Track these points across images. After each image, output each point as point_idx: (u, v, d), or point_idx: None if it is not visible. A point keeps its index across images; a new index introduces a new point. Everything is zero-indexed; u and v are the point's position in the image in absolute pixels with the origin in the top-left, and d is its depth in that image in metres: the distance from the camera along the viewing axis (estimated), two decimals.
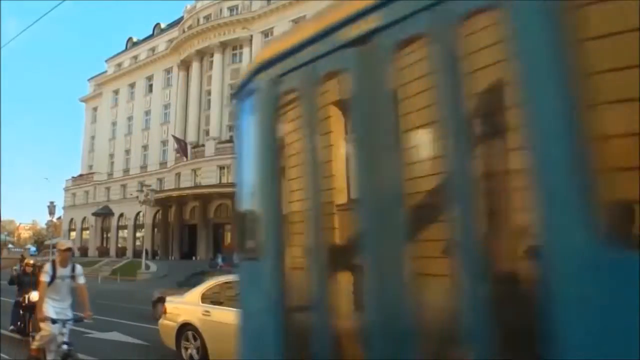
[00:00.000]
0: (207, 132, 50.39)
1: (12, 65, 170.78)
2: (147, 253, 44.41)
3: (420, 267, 2.48)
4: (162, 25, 63.88)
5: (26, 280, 11.93)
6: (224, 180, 47.05)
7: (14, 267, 13.59)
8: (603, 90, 1.92)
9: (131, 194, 54.46)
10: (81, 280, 7.47)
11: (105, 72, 67.90)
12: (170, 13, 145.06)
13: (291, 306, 3.13)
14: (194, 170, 49.53)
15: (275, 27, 47.21)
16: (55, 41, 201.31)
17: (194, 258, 46.71)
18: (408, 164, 2.60)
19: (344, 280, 3.01)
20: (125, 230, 58.79)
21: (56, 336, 6.99)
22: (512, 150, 2.25)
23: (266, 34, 48.27)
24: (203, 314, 9.21)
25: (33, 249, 77.32)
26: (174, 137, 51.50)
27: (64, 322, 7.04)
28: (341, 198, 3.09)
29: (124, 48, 67.73)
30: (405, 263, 2.50)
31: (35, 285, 10.09)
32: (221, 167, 47.59)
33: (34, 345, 7.61)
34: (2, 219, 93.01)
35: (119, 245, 59.23)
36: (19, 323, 11.93)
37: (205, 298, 9.65)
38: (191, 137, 50.99)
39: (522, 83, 2.08)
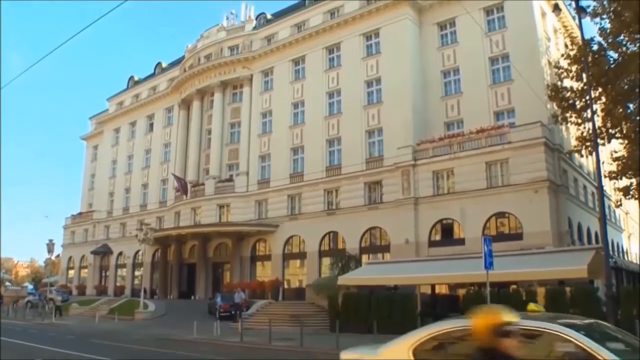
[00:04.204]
0: (207, 171, 50.49)
1: (14, 102, 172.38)
2: (145, 292, 44.07)
3: None
4: (164, 64, 64.67)
5: None
6: (224, 219, 47.02)
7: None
8: None
9: (130, 233, 54.37)
10: None
11: (107, 110, 68.44)
12: (172, 52, 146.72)
13: None
14: (194, 209, 49.49)
15: (275, 66, 47.81)
16: (58, 79, 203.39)
17: (192, 297, 46.37)
18: None
19: None
20: (124, 269, 58.38)
21: None
22: None
23: (266, 73, 48.86)
24: None
25: (31, 287, 76.85)
26: (174, 175, 51.65)
27: None
28: None
29: (125, 87, 68.39)
30: None
31: None
32: (221, 206, 47.60)
33: None
34: (1, 256, 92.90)
35: (117, 284, 58.77)
36: None
37: (419, 353, 6.37)
38: (191, 176, 51.08)
39: None
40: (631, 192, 28.02)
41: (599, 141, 24.77)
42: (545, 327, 5.76)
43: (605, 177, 26.19)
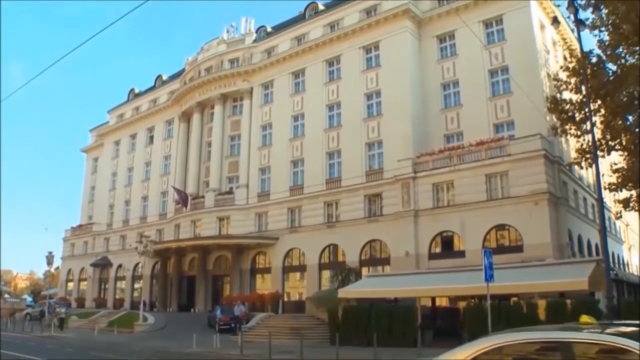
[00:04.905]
0: (207, 184, 50.47)
1: (14, 112, 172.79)
2: (145, 304, 43.93)
3: None
4: (164, 77, 64.83)
5: None
6: (224, 232, 46.94)
7: None
8: None
9: (130, 245, 54.27)
10: None
11: (107, 122, 68.57)
12: (172, 65, 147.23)
13: None
14: (194, 222, 49.42)
15: (275, 79, 47.94)
16: (58, 90, 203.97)
17: (192, 310, 46.22)
18: None
19: None
20: (124, 281, 58.22)
21: None
22: None
23: (266, 86, 48.98)
24: None
25: (29, 299, 76.70)
26: (174, 187, 51.59)
27: None
28: None
29: (126, 99, 68.54)
30: None
31: None
32: (221, 219, 47.53)
33: None
34: (0, 268, 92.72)
35: (117, 297, 58.56)
36: None
37: None
38: (191, 189, 51.07)
39: None
40: (631, 204, 27.99)
41: (599, 153, 24.78)
42: (606, 339, 5.14)
43: (605, 189, 26.17)
